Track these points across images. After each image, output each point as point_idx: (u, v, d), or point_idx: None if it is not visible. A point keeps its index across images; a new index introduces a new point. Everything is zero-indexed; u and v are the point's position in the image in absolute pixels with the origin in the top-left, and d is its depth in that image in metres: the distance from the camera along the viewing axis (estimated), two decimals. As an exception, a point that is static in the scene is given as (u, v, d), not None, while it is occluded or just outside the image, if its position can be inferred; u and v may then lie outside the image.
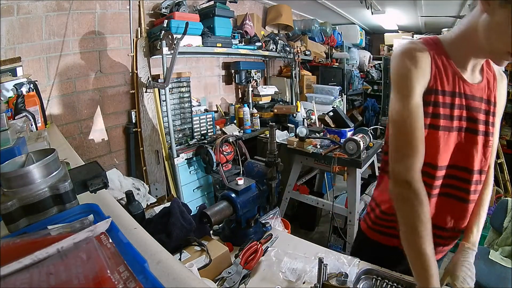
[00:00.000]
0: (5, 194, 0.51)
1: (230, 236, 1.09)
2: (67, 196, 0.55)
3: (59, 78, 1.95)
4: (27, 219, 0.52)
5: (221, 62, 3.08)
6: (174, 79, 2.37)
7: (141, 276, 0.36)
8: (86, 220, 0.48)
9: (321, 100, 3.33)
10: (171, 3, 2.33)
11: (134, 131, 2.31)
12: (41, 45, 1.84)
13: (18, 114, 1.35)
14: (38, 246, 0.38)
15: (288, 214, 2.56)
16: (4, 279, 0.34)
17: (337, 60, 4.27)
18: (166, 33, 2.07)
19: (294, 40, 3.63)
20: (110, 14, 2.15)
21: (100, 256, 0.37)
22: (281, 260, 0.95)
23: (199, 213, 1.00)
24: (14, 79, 1.52)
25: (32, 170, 0.52)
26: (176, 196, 2.32)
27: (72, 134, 2.05)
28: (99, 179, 0.67)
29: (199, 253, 0.91)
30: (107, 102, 2.22)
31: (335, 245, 2.33)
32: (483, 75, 0.84)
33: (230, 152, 2.38)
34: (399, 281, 0.86)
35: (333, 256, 0.95)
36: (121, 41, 2.23)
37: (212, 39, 2.43)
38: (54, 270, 0.35)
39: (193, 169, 2.44)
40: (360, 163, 1.97)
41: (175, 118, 2.41)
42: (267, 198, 1.16)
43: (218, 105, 3.08)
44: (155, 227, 0.96)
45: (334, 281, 0.86)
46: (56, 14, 1.87)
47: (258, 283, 0.89)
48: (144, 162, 2.33)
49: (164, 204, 1.30)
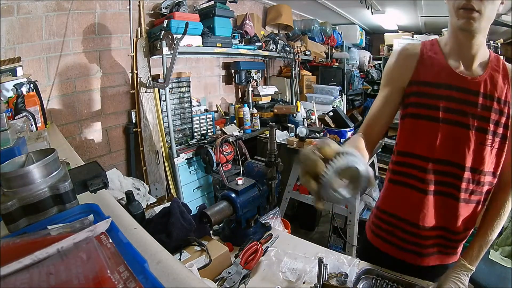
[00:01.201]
0: (5, 194, 0.51)
1: (230, 236, 1.09)
2: (67, 196, 0.55)
3: (59, 78, 1.95)
4: (27, 219, 0.52)
5: (221, 62, 3.08)
6: (174, 79, 2.37)
7: (141, 276, 0.36)
8: (86, 220, 0.48)
9: (321, 100, 3.33)
10: (171, 3, 2.33)
11: (134, 131, 2.31)
12: (41, 45, 1.84)
13: (18, 114, 1.35)
14: (38, 246, 0.38)
15: (288, 214, 2.56)
16: (4, 279, 0.34)
17: (337, 60, 4.26)
18: (166, 33, 2.07)
19: (294, 40, 3.63)
20: (110, 14, 2.15)
21: (100, 256, 0.37)
22: (281, 260, 0.95)
23: (199, 213, 1.00)
24: (14, 79, 1.52)
25: (32, 170, 0.52)
26: (176, 196, 2.32)
27: (72, 134, 2.05)
28: (99, 179, 0.67)
29: (199, 253, 0.91)
30: (107, 102, 2.22)
31: (335, 245, 2.33)
32: (487, 70, 0.81)
33: (230, 152, 2.38)
34: (399, 281, 0.86)
35: (333, 256, 0.94)
36: (121, 41, 2.23)
37: (212, 39, 2.42)
38: (54, 270, 0.35)
39: (193, 169, 2.43)
40: (360, 163, 1.97)
41: (175, 118, 2.40)
42: (267, 198, 1.16)
43: (218, 105, 3.08)
44: (155, 227, 0.96)
45: (334, 281, 0.86)
46: (56, 14, 1.87)
47: (258, 283, 0.89)
48: (144, 162, 2.33)
49: (164, 204, 1.30)
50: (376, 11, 3.86)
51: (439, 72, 0.81)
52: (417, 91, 0.83)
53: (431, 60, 0.83)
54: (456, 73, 0.80)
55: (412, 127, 0.85)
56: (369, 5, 3.58)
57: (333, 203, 0.50)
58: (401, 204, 0.91)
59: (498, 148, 0.81)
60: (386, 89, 0.88)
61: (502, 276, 1.62)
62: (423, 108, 0.82)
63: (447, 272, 0.85)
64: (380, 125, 0.89)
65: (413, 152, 0.85)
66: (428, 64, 0.83)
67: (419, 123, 0.83)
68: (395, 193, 0.93)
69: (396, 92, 0.87)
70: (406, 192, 0.88)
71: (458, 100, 0.79)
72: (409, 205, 0.88)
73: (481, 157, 0.80)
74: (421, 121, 0.83)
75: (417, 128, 0.84)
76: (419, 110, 0.83)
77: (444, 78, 0.80)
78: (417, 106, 0.83)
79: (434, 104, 0.80)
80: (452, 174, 0.82)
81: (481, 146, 0.80)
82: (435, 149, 0.81)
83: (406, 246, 0.91)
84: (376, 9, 3.82)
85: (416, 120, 0.83)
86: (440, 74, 0.81)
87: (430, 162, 0.82)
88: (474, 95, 0.79)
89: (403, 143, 0.89)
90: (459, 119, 0.79)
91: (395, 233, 0.93)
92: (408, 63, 0.85)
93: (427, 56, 0.84)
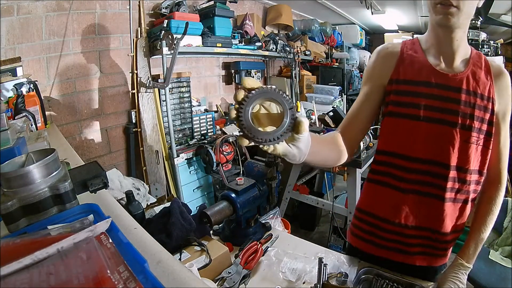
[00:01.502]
0: (5, 194, 0.51)
1: (230, 236, 1.09)
2: (67, 196, 0.55)
3: (59, 78, 1.95)
4: (27, 219, 0.52)
5: (221, 62, 3.08)
6: (174, 79, 2.37)
7: (141, 276, 0.36)
8: (86, 220, 0.48)
9: (321, 100, 3.33)
10: (171, 3, 2.33)
11: (134, 131, 2.31)
12: (41, 45, 1.84)
13: (18, 114, 1.35)
14: (38, 246, 0.38)
15: (288, 214, 2.56)
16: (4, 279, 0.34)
17: (337, 60, 4.26)
18: (166, 33, 2.07)
19: (294, 40, 3.63)
20: (110, 14, 2.15)
21: (100, 256, 0.37)
22: (281, 260, 0.95)
23: (199, 213, 1.00)
24: (14, 79, 1.52)
25: (32, 170, 0.52)
26: (176, 196, 2.32)
27: (72, 134, 2.05)
28: (99, 179, 0.67)
29: (199, 253, 0.91)
30: (107, 102, 2.22)
31: (335, 245, 2.33)
32: (469, 66, 0.80)
33: (230, 152, 2.38)
34: (399, 281, 0.86)
35: (333, 256, 0.94)
36: (121, 41, 2.23)
37: (212, 39, 2.43)
38: (54, 270, 0.35)
39: (193, 169, 2.44)
40: (360, 163, 1.97)
41: (175, 118, 2.41)
42: (267, 198, 1.16)
43: (218, 105, 3.08)
44: (155, 227, 0.96)
45: (334, 281, 0.86)
46: (56, 14, 1.87)
47: (258, 283, 0.89)
48: (144, 162, 2.33)
49: (164, 204, 1.30)
50: (376, 11, 3.87)
51: (419, 69, 0.80)
52: (397, 89, 0.82)
53: (411, 58, 0.83)
54: (436, 70, 0.79)
55: (392, 126, 0.84)
56: (369, 5, 3.58)
57: (256, 139, 0.44)
58: (380, 204, 0.90)
59: (483, 145, 0.80)
60: (366, 87, 0.87)
61: (502, 276, 1.62)
62: (403, 106, 0.81)
63: (445, 272, 0.84)
64: (360, 122, 0.87)
65: (393, 151, 0.84)
66: (408, 62, 0.82)
67: (399, 121, 0.82)
68: (374, 192, 0.91)
69: (376, 91, 0.86)
70: (384, 191, 0.86)
71: (439, 97, 0.78)
72: (388, 204, 0.86)
73: (467, 155, 0.79)
74: (401, 120, 0.82)
75: (397, 126, 0.83)
76: (399, 108, 0.82)
77: (424, 76, 0.79)
78: (396, 105, 0.82)
79: (414, 102, 0.79)
80: (436, 174, 0.80)
81: (466, 144, 0.78)
82: (417, 148, 0.80)
83: (387, 244, 0.89)
84: (376, 9, 3.82)
85: (396, 118, 0.82)
86: (420, 71, 0.80)
87: (411, 161, 0.81)
88: (456, 92, 0.78)
89: (383, 142, 0.88)
90: (442, 117, 0.78)
91: (374, 232, 0.91)
92: (388, 61, 0.85)
93: (407, 54, 0.84)
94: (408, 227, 0.85)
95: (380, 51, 0.88)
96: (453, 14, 0.71)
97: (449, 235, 0.86)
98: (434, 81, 0.78)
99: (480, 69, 0.80)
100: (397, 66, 0.83)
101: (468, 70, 0.79)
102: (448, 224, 0.84)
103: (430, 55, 0.82)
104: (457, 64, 0.80)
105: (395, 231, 0.87)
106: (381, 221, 0.89)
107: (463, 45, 0.79)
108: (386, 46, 0.89)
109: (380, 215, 0.89)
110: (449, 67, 0.80)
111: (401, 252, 0.89)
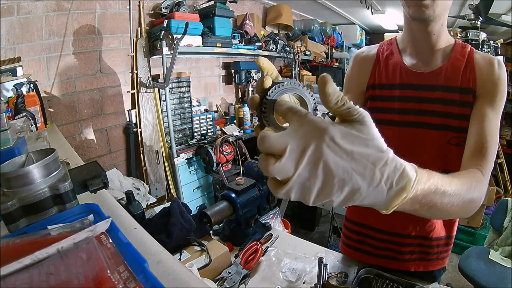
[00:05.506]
0: (5, 194, 0.51)
1: (230, 236, 1.09)
2: (67, 196, 0.55)
3: (59, 78, 1.95)
4: (27, 219, 0.52)
5: (221, 62, 3.08)
6: (174, 79, 2.37)
7: (141, 276, 0.36)
8: (86, 220, 0.48)
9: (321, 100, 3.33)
10: (171, 3, 2.33)
11: (134, 131, 2.31)
12: (41, 45, 1.84)
13: (18, 114, 1.35)
14: (38, 246, 0.38)
15: (288, 214, 2.56)
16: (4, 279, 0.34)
17: (337, 60, 4.26)
18: (166, 33, 2.07)
19: (294, 40, 3.63)
20: (110, 14, 2.15)
21: (100, 256, 0.37)
22: (281, 260, 0.95)
23: (199, 213, 1.00)
24: (14, 79, 1.52)
25: (32, 170, 0.52)
26: (176, 196, 2.32)
27: (72, 134, 2.05)
28: (99, 179, 0.67)
29: (199, 253, 0.91)
30: (107, 102, 2.22)
31: (335, 245, 2.33)
32: (449, 60, 0.73)
33: (230, 152, 2.38)
34: (399, 281, 0.86)
35: (333, 256, 0.94)
36: (121, 41, 2.23)
37: (212, 39, 2.43)
38: (54, 270, 0.35)
39: (193, 169, 2.44)
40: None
41: (175, 118, 2.41)
42: (267, 198, 1.16)
43: (218, 105, 3.07)
44: (155, 227, 0.96)
45: (334, 281, 0.86)
46: (56, 14, 1.87)
47: (258, 283, 0.89)
48: (144, 162, 2.33)
49: (164, 204, 1.30)
50: (376, 11, 3.86)
51: (393, 72, 0.77)
52: (372, 95, 0.79)
53: (386, 61, 0.79)
54: (410, 70, 0.75)
55: None
56: (369, 5, 3.58)
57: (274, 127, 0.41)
58: (366, 213, 0.88)
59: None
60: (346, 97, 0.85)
61: (502, 276, 1.62)
62: (378, 112, 0.77)
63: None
64: None
65: None
66: (383, 65, 0.79)
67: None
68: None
69: (356, 100, 0.81)
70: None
71: (413, 99, 0.74)
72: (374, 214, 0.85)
73: (450, 157, 0.72)
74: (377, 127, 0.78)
75: None
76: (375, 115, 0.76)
77: (398, 78, 0.76)
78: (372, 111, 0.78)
79: (388, 107, 0.76)
80: None
81: (449, 146, 0.72)
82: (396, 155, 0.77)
83: (379, 252, 0.88)
84: (376, 9, 3.82)
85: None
86: (394, 74, 0.77)
87: None
88: (431, 90, 0.72)
89: None
90: (418, 120, 0.73)
91: (365, 241, 0.90)
92: (364, 66, 0.81)
93: (383, 57, 0.80)
94: (398, 235, 0.84)
95: (356, 57, 0.85)
96: (427, 6, 0.64)
97: (442, 240, 0.83)
98: (408, 82, 0.75)
99: (462, 61, 0.72)
100: (373, 70, 0.80)
101: (446, 64, 0.72)
102: (439, 229, 0.81)
103: (406, 54, 0.78)
104: (435, 59, 0.74)
105: (385, 239, 0.86)
106: (371, 230, 0.88)
107: (443, 39, 0.73)
108: (362, 50, 0.85)
109: (368, 224, 0.89)
110: (426, 65, 0.74)
111: (394, 259, 0.88)
